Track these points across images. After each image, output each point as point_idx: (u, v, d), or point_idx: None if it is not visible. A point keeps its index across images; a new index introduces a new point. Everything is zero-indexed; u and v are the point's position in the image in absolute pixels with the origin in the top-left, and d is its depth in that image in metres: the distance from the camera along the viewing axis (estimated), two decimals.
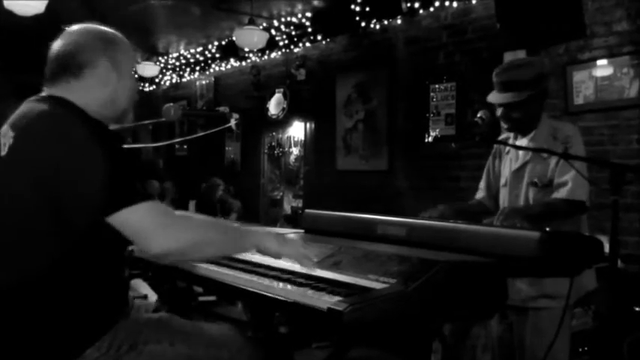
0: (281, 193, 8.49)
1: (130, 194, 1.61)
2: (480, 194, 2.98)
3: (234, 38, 7.17)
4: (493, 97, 2.73)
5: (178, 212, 1.79)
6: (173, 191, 9.51)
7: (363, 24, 6.71)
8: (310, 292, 1.67)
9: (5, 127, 1.77)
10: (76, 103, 1.75)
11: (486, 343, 2.83)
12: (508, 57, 5.38)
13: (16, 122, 1.75)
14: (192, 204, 8.37)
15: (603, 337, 2.78)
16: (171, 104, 2.70)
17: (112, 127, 1.85)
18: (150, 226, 1.61)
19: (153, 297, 4.46)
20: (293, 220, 6.67)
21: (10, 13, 5.85)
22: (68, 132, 1.64)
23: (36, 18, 5.98)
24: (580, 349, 3.18)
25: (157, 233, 1.62)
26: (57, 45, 1.84)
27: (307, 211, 2.73)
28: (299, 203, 8.08)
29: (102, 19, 6.61)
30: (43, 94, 1.82)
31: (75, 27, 1.88)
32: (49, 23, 6.82)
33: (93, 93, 1.80)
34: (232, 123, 3.36)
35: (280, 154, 8.46)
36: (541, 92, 2.70)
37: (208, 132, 3.56)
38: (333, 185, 7.24)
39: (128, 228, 1.61)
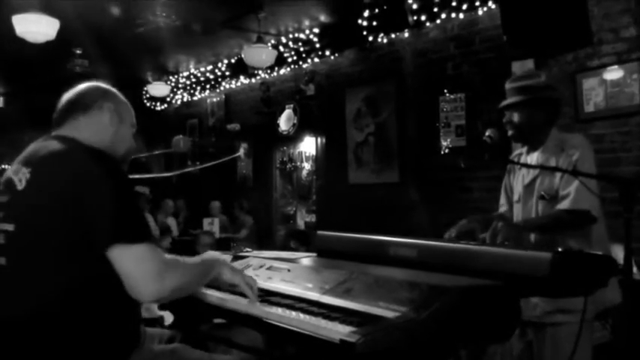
0: (294, 208, 8.51)
1: (129, 231, 1.69)
2: (503, 209, 2.97)
3: (243, 56, 7.23)
4: (502, 103, 2.78)
5: (166, 257, 1.85)
6: (185, 209, 9.57)
7: (370, 38, 6.75)
8: (323, 321, 1.67)
9: (16, 165, 1.85)
10: (83, 142, 1.84)
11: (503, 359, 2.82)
12: (516, 66, 5.38)
13: (30, 159, 1.83)
14: (206, 221, 8.40)
15: (622, 350, 2.75)
16: (181, 136, 2.73)
17: None
18: (141, 276, 1.69)
19: (169, 318, 4.48)
20: (301, 238, 6.60)
21: (21, 40, 5.94)
22: (79, 167, 1.73)
23: (47, 44, 6.08)
24: None
25: (147, 284, 1.69)
26: (68, 94, 1.98)
27: (319, 232, 2.73)
28: (312, 218, 8.09)
29: (111, 41, 6.70)
30: (52, 134, 1.91)
31: (85, 83, 2.04)
32: (59, 48, 6.94)
33: (99, 130, 1.93)
34: (241, 152, 3.38)
35: (292, 168, 8.49)
36: (544, 100, 2.70)
37: (217, 162, 3.58)
38: (345, 199, 7.25)
39: (122, 271, 1.68)
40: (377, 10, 6.50)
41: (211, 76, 9.45)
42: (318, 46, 7.44)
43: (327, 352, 1.57)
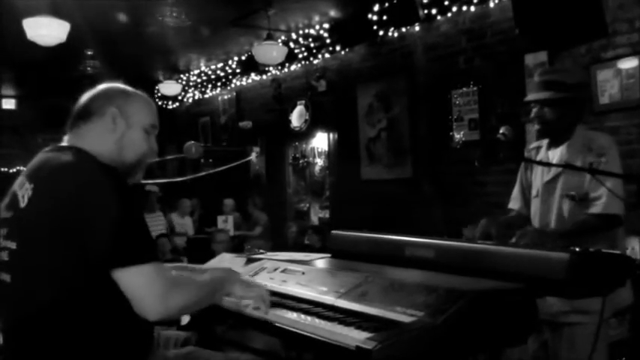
0: (307, 204, 8.50)
1: (132, 254, 1.63)
2: (516, 204, 2.92)
3: (253, 53, 7.21)
4: (531, 96, 2.72)
5: (174, 274, 1.86)
6: (200, 207, 9.59)
7: (380, 33, 6.71)
8: (339, 327, 1.66)
9: (22, 178, 1.81)
10: (89, 151, 1.79)
11: (521, 358, 2.80)
12: (529, 59, 5.33)
13: (34, 174, 1.79)
14: (220, 219, 8.42)
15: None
16: (192, 142, 2.71)
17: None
18: (146, 295, 1.65)
19: (186, 318, 4.50)
20: (320, 233, 6.67)
21: (32, 44, 5.97)
22: (80, 185, 1.67)
23: (58, 46, 6.10)
24: None
25: (153, 302, 1.66)
26: (79, 100, 1.92)
27: (333, 232, 2.71)
28: (326, 214, 8.08)
29: (122, 41, 6.71)
30: (59, 144, 1.87)
31: (101, 84, 1.95)
32: (70, 50, 6.97)
33: (100, 138, 1.83)
34: (253, 157, 3.38)
35: (305, 164, 8.48)
36: (579, 100, 2.67)
37: (229, 166, 3.60)
38: (358, 195, 7.22)
39: (127, 291, 1.64)
40: (387, 5, 6.46)
41: (222, 74, 9.45)
42: (328, 41, 7.41)
43: (343, 358, 1.56)
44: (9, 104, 11.26)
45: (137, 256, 1.63)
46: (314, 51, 7.65)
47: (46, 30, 5.69)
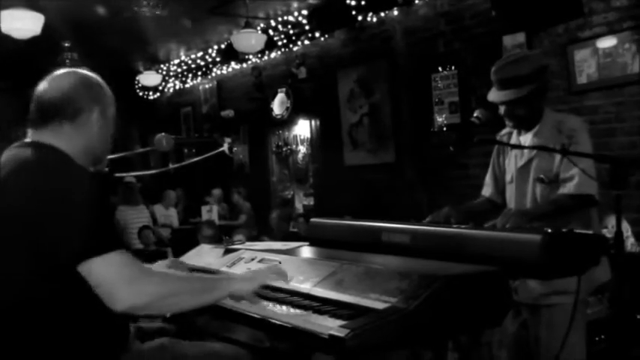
0: (292, 192, 8.49)
1: (97, 245, 1.60)
2: (488, 191, 2.92)
3: (232, 42, 7.16)
4: (493, 96, 2.64)
5: (145, 266, 1.79)
6: (184, 198, 9.56)
7: (359, 18, 6.67)
8: (313, 315, 1.67)
9: None
10: (61, 149, 1.75)
11: (501, 339, 2.82)
12: (507, 40, 5.34)
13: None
14: (204, 209, 8.40)
15: (619, 324, 2.75)
16: (163, 134, 2.69)
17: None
18: (113, 281, 1.59)
19: None
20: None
21: (7, 36, 5.89)
22: (49, 180, 1.65)
23: (36, 38, 6.02)
24: (597, 338, 3.16)
25: (120, 289, 1.60)
26: (47, 88, 1.82)
27: (312, 220, 2.73)
28: (310, 201, 8.08)
29: (100, 32, 6.60)
30: (27, 139, 1.80)
31: (64, 72, 1.87)
32: (49, 42, 6.88)
33: (82, 137, 1.80)
34: (225, 147, 3.38)
35: (288, 152, 8.46)
36: (543, 86, 2.64)
37: (202, 157, 3.61)
38: (342, 181, 7.23)
39: (92, 280, 1.59)
40: None
41: (202, 63, 9.38)
42: (307, 28, 7.36)
43: (318, 346, 1.57)
44: None
45: (101, 246, 1.59)
46: (293, 38, 7.60)
47: (21, 23, 5.61)
